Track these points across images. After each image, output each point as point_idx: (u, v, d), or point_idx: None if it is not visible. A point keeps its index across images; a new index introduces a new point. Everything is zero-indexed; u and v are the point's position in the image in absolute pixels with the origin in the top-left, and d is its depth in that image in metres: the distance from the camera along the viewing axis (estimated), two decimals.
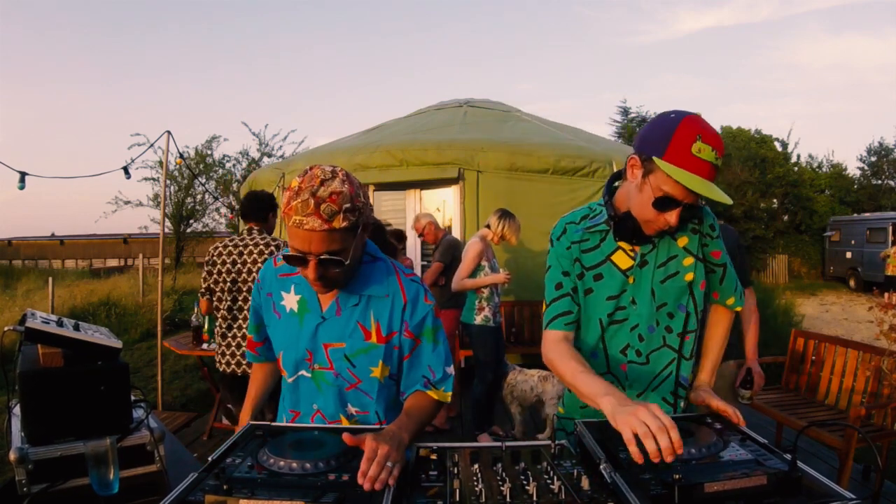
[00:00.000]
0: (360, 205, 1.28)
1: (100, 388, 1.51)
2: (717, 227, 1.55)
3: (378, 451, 1.08)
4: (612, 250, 1.50)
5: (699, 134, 1.26)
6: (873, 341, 4.07)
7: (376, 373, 1.43)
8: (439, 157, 5.86)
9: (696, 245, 1.51)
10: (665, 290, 1.49)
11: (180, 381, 6.26)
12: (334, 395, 1.44)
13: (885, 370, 3.35)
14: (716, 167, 1.29)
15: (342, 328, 1.41)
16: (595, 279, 1.51)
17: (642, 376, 1.52)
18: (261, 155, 15.96)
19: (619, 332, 1.51)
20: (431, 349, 1.47)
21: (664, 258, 1.49)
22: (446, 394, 1.48)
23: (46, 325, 1.51)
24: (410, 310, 1.42)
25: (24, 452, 1.39)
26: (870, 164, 21.95)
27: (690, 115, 1.31)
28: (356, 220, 1.27)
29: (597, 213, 1.54)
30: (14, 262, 23.89)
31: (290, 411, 1.52)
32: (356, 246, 1.31)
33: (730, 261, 1.60)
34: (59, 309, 9.24)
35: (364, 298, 1.41)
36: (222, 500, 0.96)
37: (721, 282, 1.59)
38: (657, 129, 1.32)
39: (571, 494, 1.00)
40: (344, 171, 1.30)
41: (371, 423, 1.45)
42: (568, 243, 1.53)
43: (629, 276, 1.49)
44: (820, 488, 1.01)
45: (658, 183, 1.32)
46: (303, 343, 1.43)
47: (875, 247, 15.72)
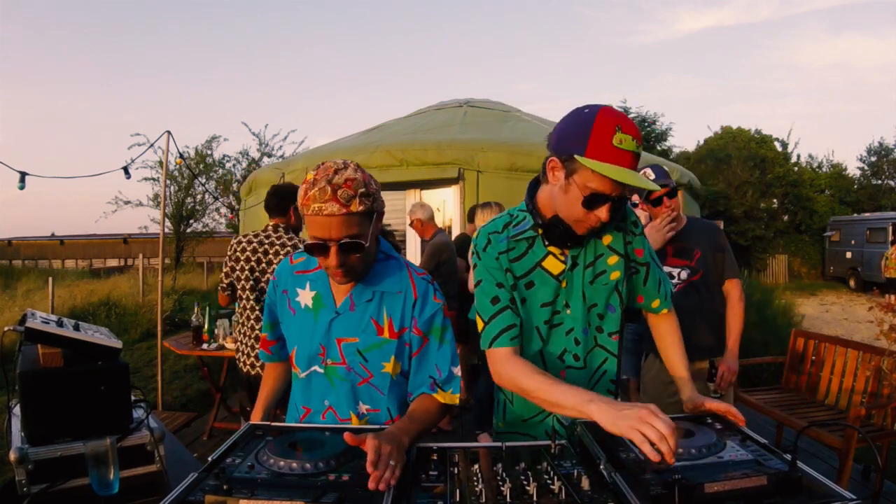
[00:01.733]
0: (374, 191, 1.33)
1: (100, 388, 1.51)
2: (641, 224, 1.54)
3: (381, 450, 1.09)
4: (542, 256, 1.46)
5: (618, 125, 1.25)
6: (873, 341, 4.07)
7: (388, 368, 1.44)
8: (439, 157, 5.86)
9: (620, 242, 1.50)
10: (594, 291, 1.48)
11: (180, 381, 6.26)
12: (347, 391, 1.45)
13: (885, 370, 3.35)
14: (637, 155, 1.28)
15: (356, 323, 1.43)
16: (527, 287, 1.47)
17: (580, 380, 1.47)
18: (261, 155, 15.95)
19: (555, 337, 1.48)
20: (437, 347, 1.47)
21: (591, 258, 1.47)
22: (454, 396, 1.46)
23: (46, 325, 1.51)
24: (420, 306, 1.44)
25: (24, 452, 1.39)
26: (870, 164, 21.95)
27: (603, 107, 1.29)
28: (371, 205, 1.32)
29: (520, 220, 1.49)
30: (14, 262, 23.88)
31: (301, 407, 1.51)
32: (373, 233, 1.35)
33: (654, 260, 1.58)
34: (59, 309, 9.24)
35: (377, 294, 1.44)
36: (222, 500, 0.96)
37: (644, 283, 1.56)
38: (574, 127, 1.29)
39: (571, 494, 1.00)
40: (355, 163, 1.35)
41: (382, 421, 1.44)
42: (495, 254, 1.46)
43: (562, 281, 1.46)
44: (820, 488, 1.01)
45: (584, 181, 1.29)
46: (317, 338, 1.45)
47: (875, 247, 15.72)
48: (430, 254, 4.42)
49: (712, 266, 2.57)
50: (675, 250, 2.59)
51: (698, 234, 2.59)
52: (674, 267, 2.59)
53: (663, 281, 1.60)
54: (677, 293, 2.51)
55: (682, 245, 2.58)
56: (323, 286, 1.47)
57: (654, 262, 1.58)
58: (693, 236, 2.58)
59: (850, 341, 3.85)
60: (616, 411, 1.13)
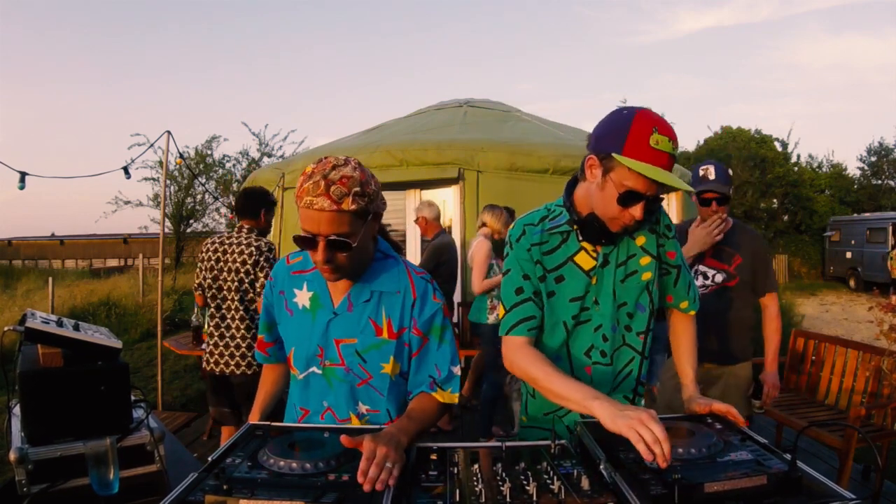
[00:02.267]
0: (371, 192, 1.31)
1: (100, 388, 1.51)
2: (673, 227, 1.56)
3: (377, 452, 1.09)
4: (575, 251, 1.49)
5: (655, 126, 1.28)
6: (873, 341, 4.07)
7: (387, 369, 1.43)
8: (439, 157, 5.86)
9: (653, 244, 1.52)
10: (625, 290, 1.50)
11: (180, 381, 6.26)
12: (346, 392, 1.44)
13: (885, 370, 3.35)
14: (673, 157, 1.31)
15: (354, 324, 1.42)
16: (556, 281, 1.50)
17: (606, 377, 1.51)
18: (261, 155, 15.96)
19: (582, 333, 1.50)
20: (437, 347, 1.46)
21: (624, 257, 1.50)
22: (453, 395, 1.46)
23: (46, 325, 1.51)
24: (420, 306, 1.43)
25: (24, 452, 1.39)
26: (870, 164, 21.94)
27: (643, 109, 1.33)
28: (365, 206, 1.29)
29: (556, 214, 1.52)
30: (14, 262, 23.87)
31: (299, 408, 1.51)
32: (365, 233, 1.33)
33: (685, 263, 1.61)
34: (59, 309, 9.24)
35: (376, 294, 1.42)
36: (222, 500, 0.96)
37: (675, 284, 1.59)
38: (613, 126, 1.33)
39: (571, 494, 1.00)
40: (357, 161, 1.33)
41: (382, 422, 1.43)
42: (528, 245, 1.49)
43: (592, 277, 1.48)
44: (820, 488, 1.01)
45: (620, 179, 1.32)
46: (314, 339, 1.43)
47: (875, 247, 15.71)
48: (431, 254, 4.41)
49: (750, 275, 2.51)
50: (714, 252, 2.53)
51: (741, 241, 2.52)
52: (710, 268, 2.54)
53: (692, 285, 1.64)
54: (708, 295, 2.48)
55: (721, 248, 2.52)
56: (320, 286, 1.45)
57: (685, 265, 1.61)
58: (735, 242, 2.52)
59: (850, 341, 3.85)
60: (617, 410, 1.17)
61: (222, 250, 3.04)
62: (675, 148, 1.30)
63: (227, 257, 3.03)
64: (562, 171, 5.79)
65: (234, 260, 3.00)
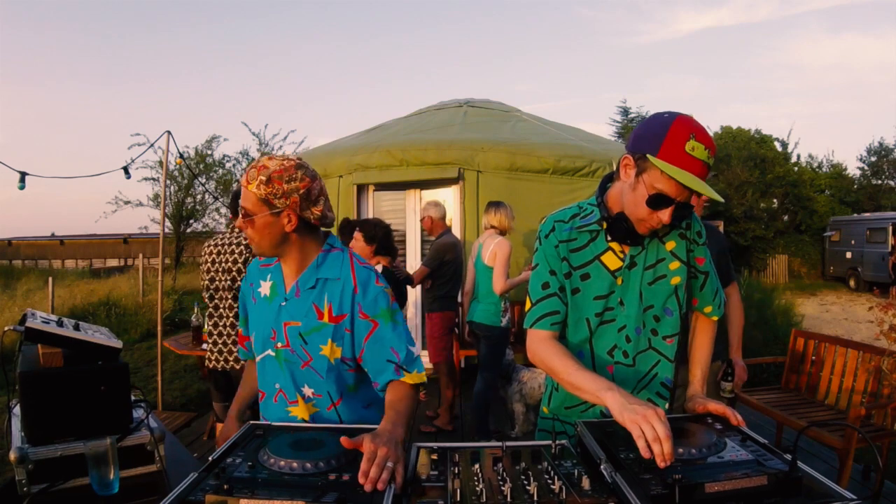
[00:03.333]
0: (281, 187, 1.43)
1: (100, 388, 1.51)
2: (704, 234, 1.57)
3: (377, 452, 1.09)
4: (602, 251, 1.51)
5: (693, 133, 1.29)
6: (873, 341, 4.07)
7: (325, 351, 1.51)
8: (439, 157, 5.86)
9: (683, 250, 1.53)
10: (652, 293, 1.51)
11: (180, 381, 6.26)
12: (291, 374, 1.54)
13: (885, 370, 3.35)
14: (708, 166, 1.31)
15: (300, 308, 1.53)
16: (582, 279, 1.51)
17: (628, 378, 1.53)
18: (261, 155, 15.96)
19: (606, 332, 1.52)
20: (391, 329, 1.51)
21: (653, 260, 1.51)
22: (420, 375, 1.52)
23: (46, 325, 1.51)
24: (362, 292, 1.51)
25: (24, 452, 1.39)
26: (870, 164, 21.94)
27: (683, 115, 1.33)
28: (268, 196, 1.44)
29: (588, 213, 1.54)
30: (14, 262, 23.89)
31: (259, 392, 1.63)
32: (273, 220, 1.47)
33: (713, 269, 1.61)
34: (59, 309, 9.25)
35: (320, 282, 1.53)
36: (222, 500, 0.96)
37: (702, 288, 1.60)
38: (651, 128, 1.34)
39: (572, 494, 1.00)
40: (298, 167, 1.48)
41: (325, 406, 1.54)
42: (556, 241, 1.52)
43: (617, 277, 1.49)
44: (820, 488, 1.01)
45: (652, 181, 1.33)
46: (269, 322, 1.56)
47: (875, 247, 15.72)
48: (434, 252, 4.42)
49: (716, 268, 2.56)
50: None
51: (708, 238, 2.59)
52: None
53: (719, 290, 1.65)
54: None
55: None
56: (278, 276, 1.58)
57: (713, 270, 1.62)
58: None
59: (850, 341, 3.85)
60: (627, 403, 1.19)
61: (217, 251, 3.10)
62: (710, 157, 1.31)
63: (221, 258, 3.07)
64: (562, 171, 5.79)
65: (226, 260, 3.05)
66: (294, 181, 1.45)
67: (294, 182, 1.45)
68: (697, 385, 1.57)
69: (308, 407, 1.55)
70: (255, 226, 1.47)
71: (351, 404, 1.58)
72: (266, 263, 1.64)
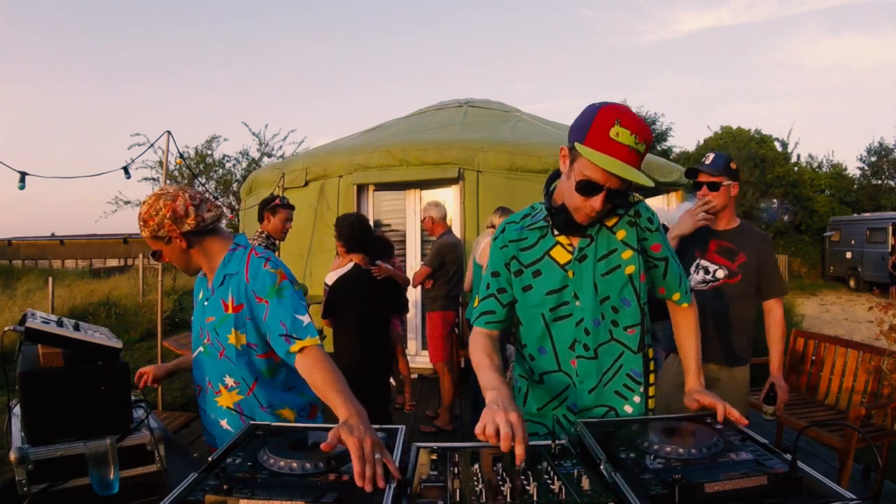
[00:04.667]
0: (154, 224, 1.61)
1: (100, 388, 1.51)
2: (657, 221, 1.56)
3: (364, 447, 1.10)
4: (551, 246, 1.52)
5: (618, 119, 1.31)
6: (873, 341, 4.07)
7: (232, 339, 1.66)
8: (439, 157, 5.86)
9: (634, 238, 1.52)
10: (607, 284, 1.51)
11: (180, 381, 6.25)
12: (214, 366, 1.71)
13: (885, 370, 3.35)
14: (636, 151, 1.32)
15: (214, 305, 1.70)
16: (534, 276, 1.53)
17: (591, 371, 1.53)
18: (261, 155, 15.95)
19: (564, 327, 1.53)
20: (277, 304, 1.59)
21: (604, 251, 1.51)
22: (313, 339, 1.55)
23: (46, 326, 1.51)
24: (252, 280, 1.63)
25: (24, 452, 1.39)
26: (870, 164, 21.93)
27: (614, 103, 1.35)
28: (153, 233, 1.63)
29: (538, 212, 1.57)
30: (14, 262, 23.87)
31: (196, 386, 1.81)
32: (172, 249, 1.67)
33: (673, 255, 1.60)
34: (59, 309, 9.24)
35: (226, 278, 1.68)
36: (222, 500, 0.96)
37: (664, 276, 1.60)
38: (581, 118, 1.37)
39: (571, 494, 1.00)
40: (159, 197, 1.62)
41: (245, 392, 1.70)
42: (503, 243, 1.57)
43: (568, 271, 1.51)
44: (820, 488, 1.01)
45: (581, 168, 1.35)
46: (198, 322, 1.76)
47: (875, 247, 15.71)
48: (435, 252, 4.42)
49: (754, 275, 2.48)
50: (719, 248, 2.51)
51: (748, 240, 2.50)
52: (711, 263, 2.52)
53: (683, 277, 1.64)
54: (709, 291, 2.48)
55: (727, 245, 2.51)
56: (205, 280, 1.78)
57: (673, 257, 1.61)
58: (742, 240, 2.50)
59: (850, 341, 3.84)
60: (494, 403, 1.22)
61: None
62: (638, 142, 1.31)
63: None
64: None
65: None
66: (160, 211, 1.61)
67: (160, 212, 1.61)
68: (693, 379, 1.56)
69: (232, 395, 1.71)
70: (166, 257, 1.70)
71: (267, 389, 1.71)
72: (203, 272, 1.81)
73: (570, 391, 1.55)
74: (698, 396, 1.44)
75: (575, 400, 1.55)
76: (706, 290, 2.49)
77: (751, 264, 2.47)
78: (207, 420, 1.79)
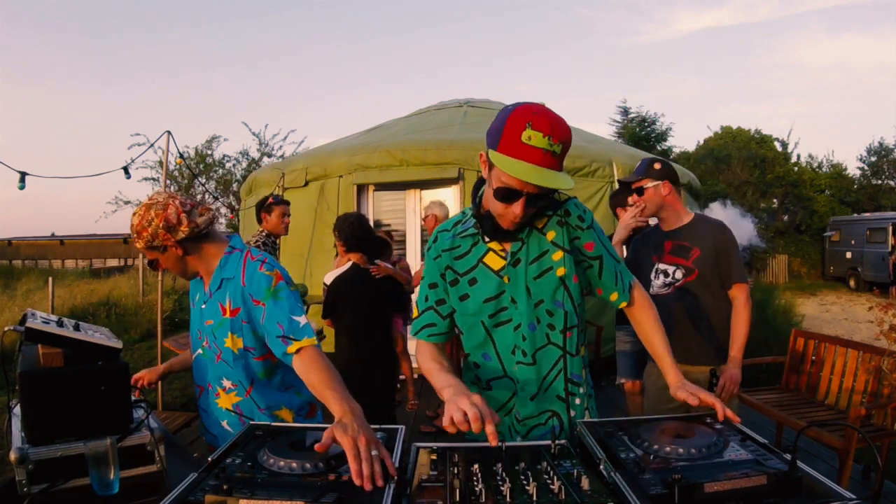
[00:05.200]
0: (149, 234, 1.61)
1: (100, 388, 1.51)
2: (588, 218, 1.52)
3: (359, 446, 1.10)
4: (484, 253, 1.49)
5: (529, 122, 1.26)
6: (873, 341, 4.07)
7: (229, 343, 1.68)
8: (439, 157, 5.86)
9: (564, 238, 1.48)
10: (539, 287, 1.47)
11: (180, 381, 6.25)
12: (213, 369, 1.73)
13: (885, 370, 3.35)
14: (552, 153, 1.27)
15: (212, 308, 1.71)
16: (470, 284, 1.50)
17: (531, 377, 1.49)
18: (261, 155, 15.95)
19: (504, 333, 1.49)
20: (273, 306, 1.60)
21: (536, 254, 1.48)
22: (310, 339, 1.55)
23: (46, 326, 1.51)
24: (248, 283, 1.65)
25: (24, 452, 1.39)
26: (870, 164, 21.93)
27: (527, 104, 1.30)
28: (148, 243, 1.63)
29: (468, 218, 1.53)
30: (14, 262, 23.87)
31: (197, 386, 1.82)
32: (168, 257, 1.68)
33: (610, 253, 1.55)
34: (59, 309, 9.24)
35: (224, 282, 1.69)
36: (222, 500, 0.96)
37: (599, 276, 1.54)
38: (495, 122, 1.33)
39: (571, 494, 1.00)
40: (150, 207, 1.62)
41: (242, 394, 1.71)
42: (436, 253, 1.53)
43: (503, 276, 1.47)
44: (820, 488, 1.01)
45: (497, 175, 1.33)
46: (197, 325, 1.77)
47: (875, 247, 15.71)
48: None
49: (712, 267, 2.42)
50: (673, 248, 2.48)
51: (699, 233, 2.45)
52: (669, 265, 2.48)
53: (621, 274, 1.57)
54: (671, 294, 2.44)
55: (680, 243, 2.47)
56: (201, 284, 1.77)
57: (610, 254, 1.55)
58: (694, 235, 2.45)
59: (850, 341, 3.84)
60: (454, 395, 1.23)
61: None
62: (552, 143, 1.26)
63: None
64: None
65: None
66: (152, 222, 1.62)
67: (153, 222, 1.62)
68: (673, 372, 1.48)
69: (230, 397, 1.73)
70: (163, 265, 1.71)
71: (264, 391, 1.73)
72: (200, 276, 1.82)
73: (514, 399, 1.51)
74: (692, 391, 1.38)
75: (519, 408, 1.51)
76: (669, 292, 2.46)
77: (707, 257, 2.42)
78: (209, 420, 1.80)
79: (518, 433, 1.51)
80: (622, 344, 3.54)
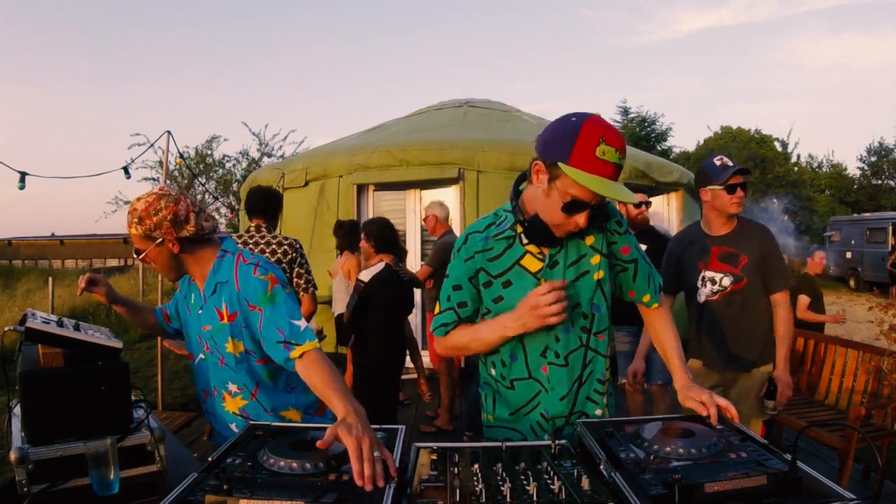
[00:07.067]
0: (152, 223, 1.57)
1: (100, 388, 1.51)
2: (625, 223, 1.55)
3: (362, 446, 1.10)
4: (521, 255, 1.50)
5: (602, 136, 1.28)
6: (873, 341, 4.07)
7: (230, 348, 1.66)
8: (439, 157, 5.86)
9: (602, 243, 1.51)
10: (577, 290, 1.49)
11: (180, 381, 6.25)
12: (217, 372, 1.71)
13: (885, 370, 3.35)
14: (619, 167, 1.31)
15: (208, 313, 1.68)
16: (504, 286, 1.51)
17: (563, 378, 1.50)
18: (261, 155, 15.97)
19: (536, 334, 1.49)
20: (272, 311, 1.58)
21: (574, 257, 1.49)
22: (312, 342, 1.54)
23: (47, 326, 1.51)
24: (244, 288, 1.62)
25: (24, 452, 1.39)
26: (870, 164, 21.95)
27: (591, 116, 1.32)
28: (146, 232, 1.59)
29: (503, 220, 1.53)
30: (14, 262, 23.87)
31: (202, 391, 1.80)
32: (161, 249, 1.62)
33: (642, 256, 1.59)
34: (59, 309, 9.24)
35: (218, 286, 1.66)
36: (222, 500, 0.96)
37: (634, 279, 1.58)
38: (560, 134, 1.33)
39: (571, 494, 1.00)
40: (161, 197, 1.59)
41: (248, 398, 1.70)
42: (468, 254, 1.53)
43: (540, 279, 1.48)
44: (820, 488, 1.01)
45: (565, 187, 1.33)
46: (195, 330, 1.74)
47: (875, 247, 15.71)
48: (436, 252, 4.42)
49: (758, 274, 2.44)
50: (721, 255, 2.47)
51: (747, 240, 2.46)
52: (717, 272, 2.48)
53: (652, 276, 1.61)
54: (719, 301, 2.46)
55: (727, 250, 2.46)
56: (195, 289, 1.73)
57: (643, 258, 1.59)
58: (741, 241, 2.46)
59: (850, 341, 3.85)
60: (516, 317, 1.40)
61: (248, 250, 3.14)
62: (621, 157, 1.30)
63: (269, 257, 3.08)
64: None
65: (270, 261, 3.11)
66: (160, 212, 1.58)
67: (161, 212, 1.58)
68: (681, 375, 1.51)
69: (236, 401, 1.71)
70: (150, 259, 1.65)
71: (269, 393, 1.72)
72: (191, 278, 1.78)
73: (541, 397, 1.53)
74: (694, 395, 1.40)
75: (547, 406, 1.52)
76: (716, 299, 2.47)
77: (754, 263, 2.44)
78: (217, 423, 1.79)
79: (545, 430, 1.52)
80: (622, 344, 3.55)
